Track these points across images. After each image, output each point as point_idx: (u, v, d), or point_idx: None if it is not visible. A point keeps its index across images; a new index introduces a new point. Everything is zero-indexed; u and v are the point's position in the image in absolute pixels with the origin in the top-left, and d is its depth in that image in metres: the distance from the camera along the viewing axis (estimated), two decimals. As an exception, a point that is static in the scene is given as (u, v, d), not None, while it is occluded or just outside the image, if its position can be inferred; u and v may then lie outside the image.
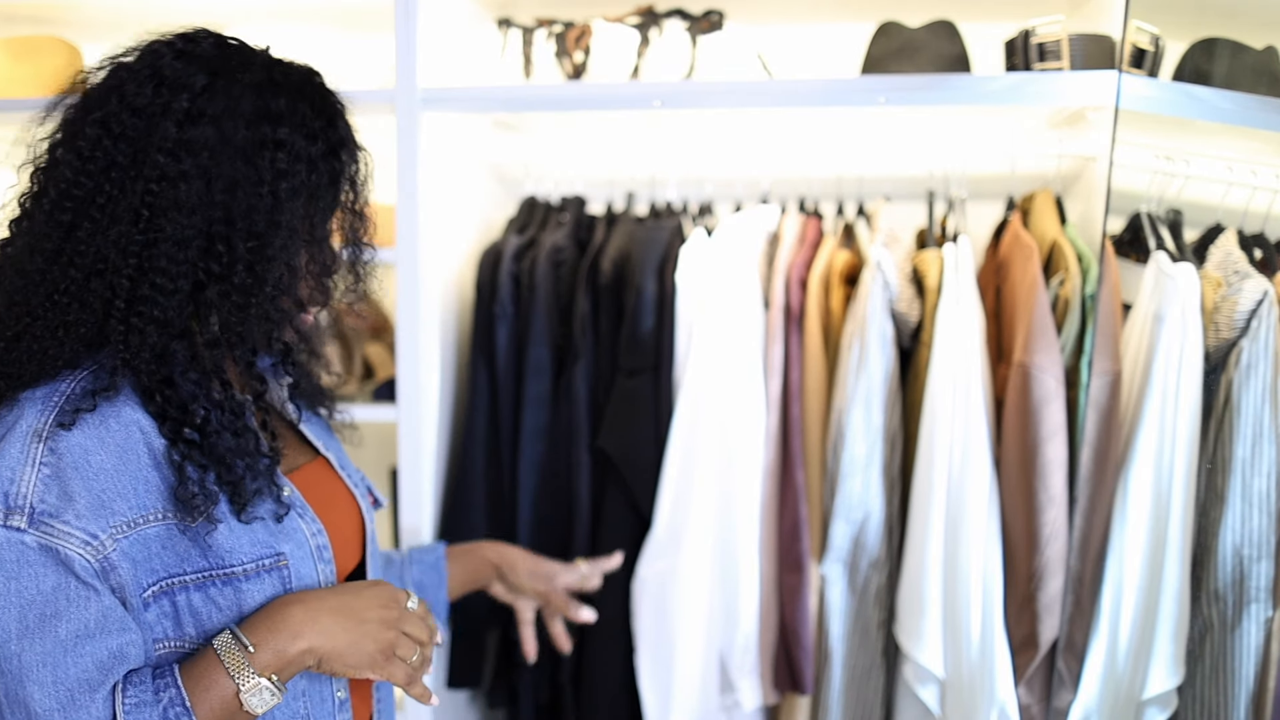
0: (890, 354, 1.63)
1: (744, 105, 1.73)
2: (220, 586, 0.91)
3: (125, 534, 0.86)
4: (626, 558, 1.73)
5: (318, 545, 0.99)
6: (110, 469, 0.86)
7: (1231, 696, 1.51)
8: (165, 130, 0.87)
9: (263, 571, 0.93)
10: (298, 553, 0.96)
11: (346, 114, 1.00)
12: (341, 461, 1.14)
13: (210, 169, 0.87)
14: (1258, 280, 1.50)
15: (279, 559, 0.94)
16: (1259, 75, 1.59)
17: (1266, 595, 1.50)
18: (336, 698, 1.01)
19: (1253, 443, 1.49)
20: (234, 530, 0.92)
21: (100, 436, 0.86)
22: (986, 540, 1.56)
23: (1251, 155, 1.63)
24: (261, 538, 0.94)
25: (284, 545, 0.95)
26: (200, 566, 0.90)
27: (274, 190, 0.89)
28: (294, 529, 0.97)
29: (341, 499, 1.09)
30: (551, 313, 1.80)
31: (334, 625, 0.92)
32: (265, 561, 0.93)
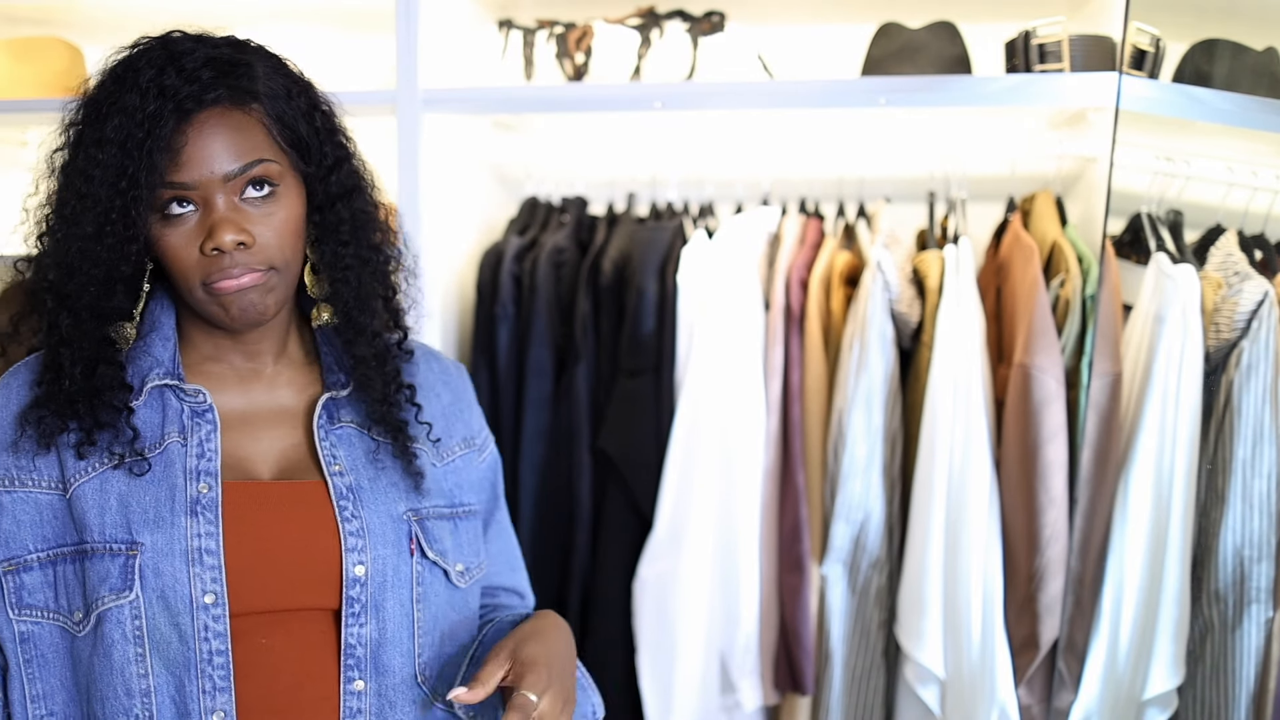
0: (891, 355, 1.63)
1: (745, 106, 1.73)
2: (81, 561, 0.91)
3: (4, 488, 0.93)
4: (627, 558, 1.73)
5: (198, 547, 0.90)
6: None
7: (1232, 697, 1.51)
8: None
9: (107, 555, 0.90)
10: (162, 547, 0.90)
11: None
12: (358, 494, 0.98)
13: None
14: (1258, 281, 1.50)
15: (131, 546, 0.90)
16: (1259, 76, 1.59)
17: (1267, 596, 1.50)
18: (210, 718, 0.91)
19: (1253, 443, 1.49)
20: (96, 507, 0.91)
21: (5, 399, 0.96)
22: (987, 541, 1.56)
23: (1252, 156, 1.63)
24: (126, 521, 0.91)
25: (146, 536, 0.90)
26: (73, 539, 0.92)
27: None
28: (172, 523, 0.91)
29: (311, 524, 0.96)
30: (552, 314, 1.80)
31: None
32: (114, 545, 0.90)
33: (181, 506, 0.92)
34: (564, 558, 1.80)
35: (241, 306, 0.93)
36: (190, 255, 0.91)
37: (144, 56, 0.91)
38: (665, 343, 1.73)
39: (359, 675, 0.95)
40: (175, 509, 0.92)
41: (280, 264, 0.94)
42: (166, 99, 0.89)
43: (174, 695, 0.90)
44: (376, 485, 0.99)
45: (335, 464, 0.98)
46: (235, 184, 0.91)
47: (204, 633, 0.90)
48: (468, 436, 1.12)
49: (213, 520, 0.92)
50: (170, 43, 0.93)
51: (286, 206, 0.94)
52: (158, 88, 0.89)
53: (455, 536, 1.04)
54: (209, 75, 0.91)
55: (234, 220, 0.90)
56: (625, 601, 1.72)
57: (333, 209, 0.99)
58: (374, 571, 0.96)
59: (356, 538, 0.96)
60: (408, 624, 0.98)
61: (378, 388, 1.02)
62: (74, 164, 0.92)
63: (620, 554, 1.74)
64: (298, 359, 1.04)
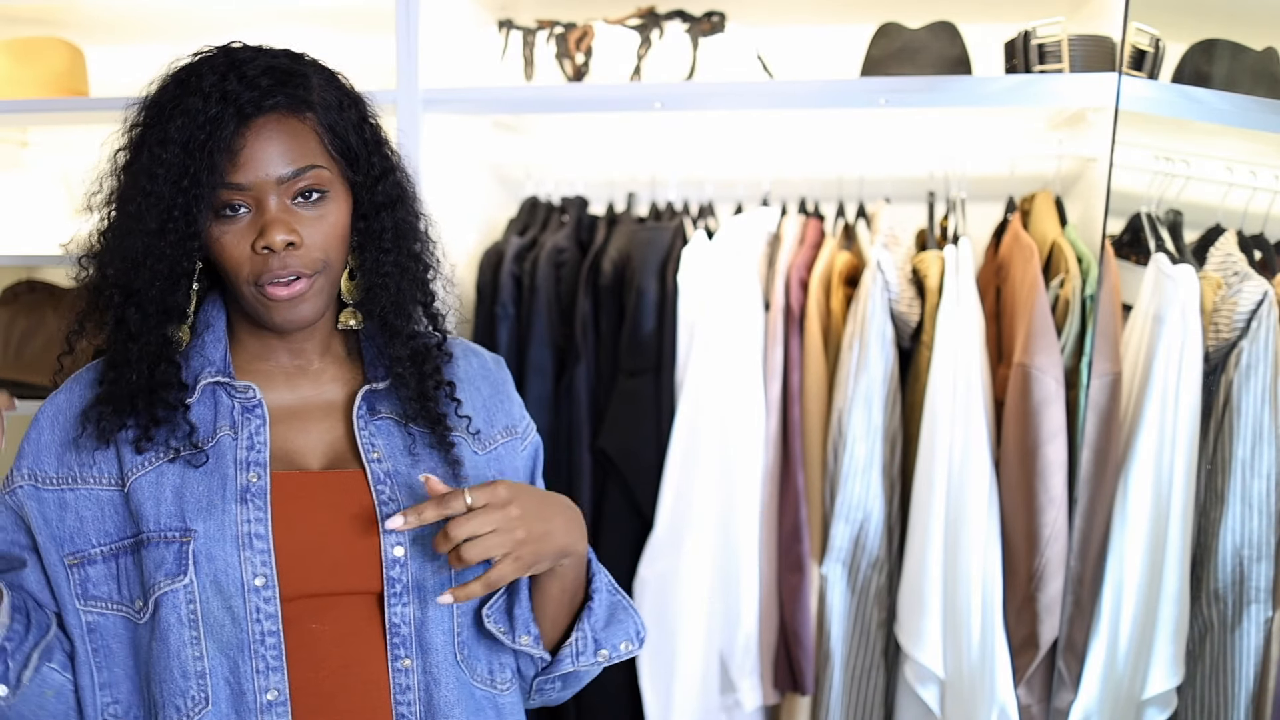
0: (890, 355, 1.64)
1: (745, 107, 1.73)
2: (136, 552, 0.96)
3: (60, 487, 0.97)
4: (627, 558, 1.73)
5: (248, 532, 0.95)
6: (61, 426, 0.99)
7: (1231, 697, 1.51)
8: None
9: (162, 542, 0.95)
10: (214, 533, 0.94)
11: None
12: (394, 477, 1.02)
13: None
14: (1257, 281, 1.50)
15: (185, 534, 0.95)
16: (1258, 76, 1.59)
17: (1266, 596, 1.51)
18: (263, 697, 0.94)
19: (1252, 443, 1.50)
20: (152, 499, 0.96)
21: (71, 402, 1.00)
22: (987, 541, 1.56)
23: (1251, 156, 1.63)
24: (180, 510, 0.96)
25: (199, 523, 0.95)
26: (133, 532, 0.96)
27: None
28: (223, 510, 0.95)
29: (352, 511, 0.99)
30: (552, 313, 1.81)
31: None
32: (169, 533, 0.95)
33: (232, 495, 0.96)
34: (564, 557, 1.80)
35: (285, 315, 0.97)
36: (242, 253, 0.96)
37: (206, 63, 0.96)
38: (665, 343, 1.73)
39: (405, 653, 0.98)
40: (226, 497, 0.96)
41: (325, 267, 0.99)
42: (228, 103, 0.94)
43: (228, 676, 0.94)
44: (414, 472, 1.03)
45: (374, 451, 1.02)
46: (288, 187, 0.96)
47: (255, 615, 0.94)
48: (509, 425, 1.17)
49: (261, 507, 0.96)
50: (232, 51, 0.98)
51: (334, 212, 0.99)
52: (220, 92, 0.94)
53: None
54: (268, 83, 0.95)
55: (285, 221, 0.95)
56: (625, 601, 1.73)
57: (377, 217, 1.04)
58: (413, 552, 0.99)
59: (386, 534, 0.99)
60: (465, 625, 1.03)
61: (413, 385, 1.06)
62: (138, 162, 0.96)
63: (620, 554, 1.74)
64: (340, 355, 1.08)
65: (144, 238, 0.95)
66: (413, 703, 0.98)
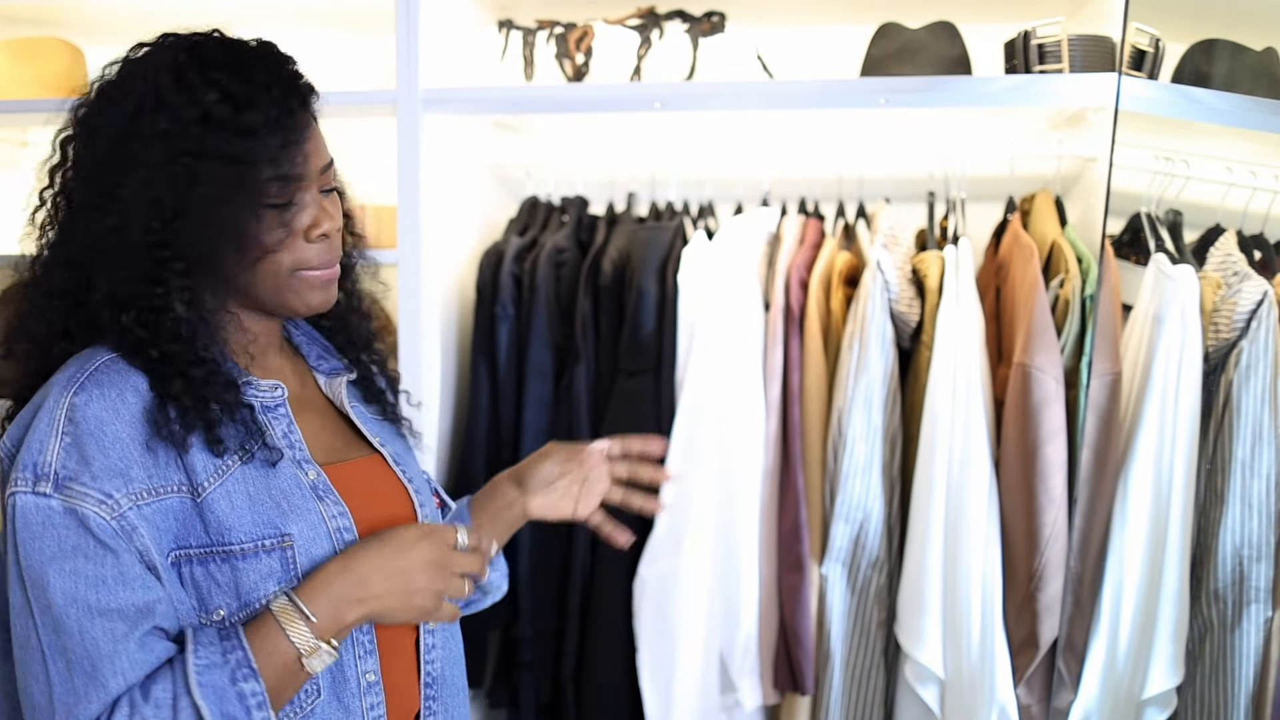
0: (890, 355, 1.64)
1: (745, 107, 1.73)
2: (219, 563, 0.92)
3: (146, 501, 0.90)
4: (627, 558, 1.73)
5: (337, 527, 0.98)
6: (125, 439, 0.90)
7: (1231, 696, 1.51)
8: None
9: (262, 552, 0.93)
10: (309, 534, 0.96)
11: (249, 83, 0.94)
12: (400, 460, 1.11)
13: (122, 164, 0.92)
14: (1257, 281, 1.51)
15: (283, 539, 0.94)
16: (1258, 77, 1.59)
17: (1266, 596, 1.51)
18: (364, 679, 1.00)
19: (1252, 443, 1.50)
20: (236, 507, 0.93)
21: (116, 408, 0.91)
22: (986, 541, 1.56)
23: (1251, 156, 1.63)
24: (267, 517, 0.94)
25: (292, 526, 0.95)
26: (203, 541, 0.92)
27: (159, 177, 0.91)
28: (309, 509, 0.96)
29: (391, 495, 1.08)
30: (552, 313, 1.81)
31: (384, 588, 0.95)
32: (266, 541, 0.93)
33: (307, 493, 0.98)
34: (564, 558, 1.80)
35: (324, 295, 1.00)
36: (284, 241, 0.96)
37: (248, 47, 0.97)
38: (665, 343, 1.73)
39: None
40: (306, 496, 0.97)
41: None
42: (291, 92, 0.95)
43: (333, 666, 0.97)
44: (405, 455, 1.12)
45: (377, 437, 1.09)
46: (324, 179, 0.99)
47: None
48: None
49: (339, 501, 0.99)
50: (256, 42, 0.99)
51: (342, 203, 1.04)
52: (281, 79, 0.95)
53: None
54: (303, 73, 0.99)
55: (329, 211, 0.99)
56: (625, 601, 1.73)
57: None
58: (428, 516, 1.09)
59: (419, 497, 1.08)
60: None
61: (373, 373, 1.13)
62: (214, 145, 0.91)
63: (620, 554, 1.74)
64: (289, 352, 1.11)
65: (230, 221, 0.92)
66: (435, 661, 1.06)
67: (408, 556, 0.97)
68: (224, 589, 0.92)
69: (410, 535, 0.98)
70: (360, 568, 0.95)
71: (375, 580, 0.95)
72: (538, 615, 1.81)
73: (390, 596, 0.95)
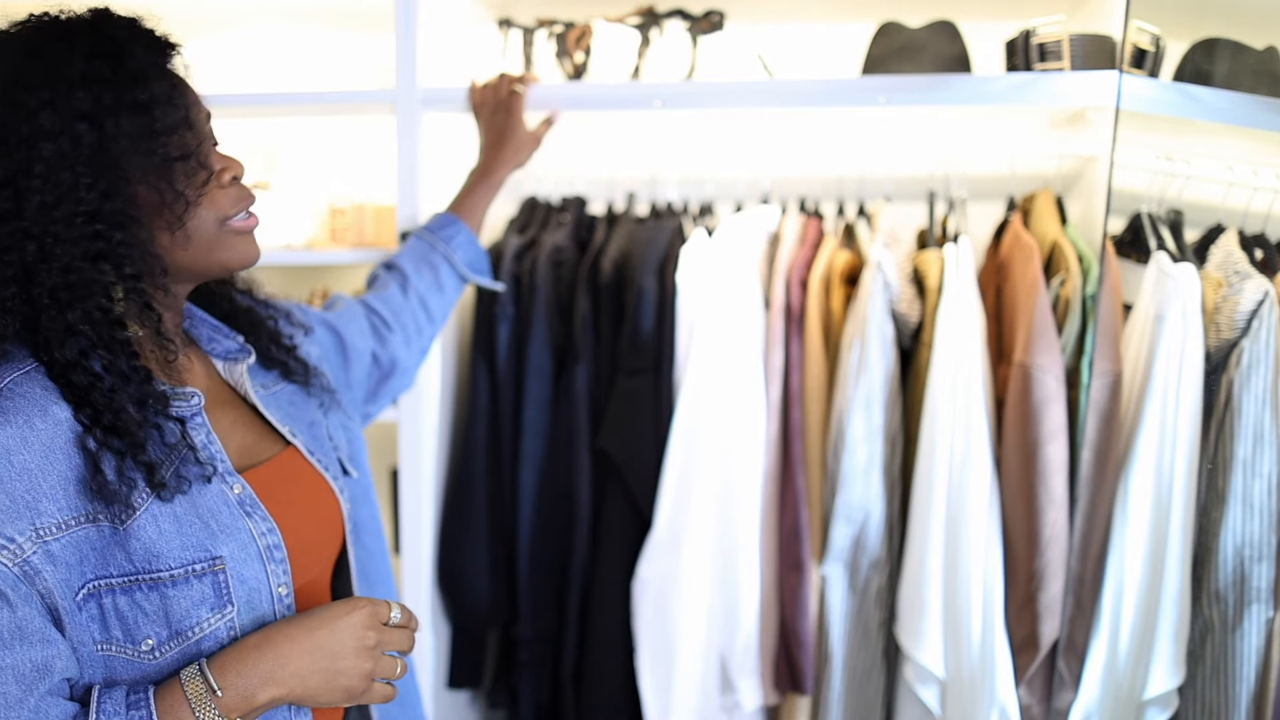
0: (891, 354, 1.63)
1: (744, 105, 1.73)
2: (146, 591, 0.86)
3: (55, 536, 0.83)
4: (627, 558, 1.73)
5: (267, 545, 0.93)
6: (35, 468, 0.83)
7: (1232, 697, 1.51)
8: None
9: (192, 577, 0.88)
10: (240, 554, 0.91)
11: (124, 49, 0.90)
12: (311, 445, 1.07)
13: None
14: (1258, 281, 1.50)
15: (214, 563, 0.89)
16: (1259, 75, 1.59)
17: (1267, 596, 1.50)
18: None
19: (1253, 443, 1.49)
20: (164, 532, 0.87)
21: (24, 435, 0.83)
22: (987, 541, 1.56)
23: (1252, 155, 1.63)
24: (197, 539, 0.89)
25: (222, 548, 0.90)
26: (126, 570, 0.86)
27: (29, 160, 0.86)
28: (237, 528, 0.91)
29: (312, 488, 1.04)
30: (552, 313, 1.80)
31: (307, 668, 0.89)
32: (197, 566, 0.88)
33: (235, 510, 0.92)
34: (564, 558, 1.80)
35: (253, 249, 0.98)
36: (202, 191, 0.93)
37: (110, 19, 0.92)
38: (665, 342, 1.73)
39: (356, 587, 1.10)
40: (233, 513, 0.92)
41: None
42: (157, 43, 0.92)
43: None
44: (313, 432, 1.08)
45: (287, 426, 1.05)
46: (211, 132, 0.97)
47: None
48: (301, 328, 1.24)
49: (265, 516, 0.94)
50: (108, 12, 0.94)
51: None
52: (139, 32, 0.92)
53: (347, 431, 1.20)
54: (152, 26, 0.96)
55: (231, 158, 0.96)
56: (625, 601, 1.72)
57: None
58: (348, 498, 1.09)
59: (332, 476, 1.06)
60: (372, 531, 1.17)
61: (272, 350, 1.11)
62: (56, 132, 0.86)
63: (620, 554, 1.74)
64: (185, 340, 1.05)
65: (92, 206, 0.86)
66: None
67: (334, 633, 0.90)
68: (152, 618, 0.87)
69: (338, 611, 0.92)
70: (281, 644, 0.88)
71: (295, 658, 0.88)
72: (537, 615, 1.81)
73: (312, 677, 0.89)
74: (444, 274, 1.58)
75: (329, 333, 1.33)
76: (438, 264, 1.57)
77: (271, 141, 2.09)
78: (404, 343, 1.48)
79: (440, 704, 1.85)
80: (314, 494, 1.04)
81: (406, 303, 1.51)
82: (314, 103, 1.79)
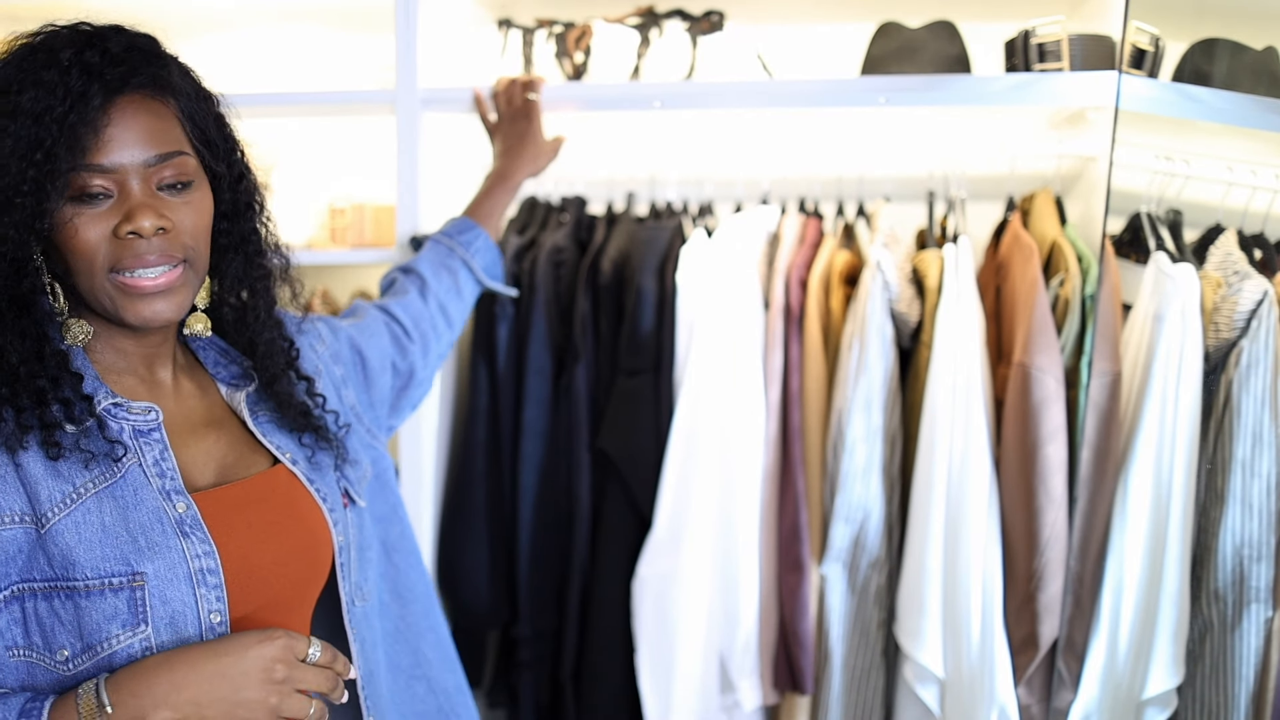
0: (890, 354, 1.63)
1: (744, 106, 1.73)
2: (63, 599, 0.85)
3: None
4: (627, 558, 1.73)
5: (200, 568, 0.89)
6: None
7: (1231, 696, 1.51)
8: None
9: (108, 590, 0.85)
10: (166, 574, 0.87)
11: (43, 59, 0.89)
12: (310, 473, 1.05)
13: None
14: (1258, 281, 1.50)
15: (134, 578, 0.86)
16: (1259, 76, 1.59)
17: (1266, 595, 1.50)
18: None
19: (1252, 443, 1.49)
20: (84, 540, 0.85)
21: None
22: (986, 540, 1.56)
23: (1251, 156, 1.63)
24: (119, 552, 0.86)
25: (146, 564, 0.87)
26: (47, 575, 0.85)
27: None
28: (168, 547, 0.88)
29: (291, 512, 1.01)
30: (552, 313, 1.81)
31: (206, 695, 0.85)
32: (114, 580, 0.85)
33: (170, 529, 0.90)
34: (564, 557, 1.80)
35: (149, 309, 0.91)
36: (98, 240, 0.88)
37: (61, 38, 0.89)
38: (664, 342, 1.73)
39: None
40: (166, 532, 0.89)
41: (193, 257, 0.94)
42: (92, 77, 0.87)
43: None
44: (314, 462, 1.06)
45: (285, 453, 1.03)
46: (154, 172, 0.90)
47: None
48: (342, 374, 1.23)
49: (204, 538, 0.91)
50: (88, 28, 0.91)
51: (202, 201, 0.95)
52: (81, 65, 0.87)
53: (371, 451, 1.20)
54: (135, 59, 0.90)
55: (153, 205, 0.89)
56: (625, 601, 1.72)
57: (245, 218, 1.01)
58: (343, 530, 1.05)
59: (329, 508, 1.03)
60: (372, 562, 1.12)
61: (285, 386, 1.07)
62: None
63: (620, 554, 1.74)
64: (184, 365, 1.04)
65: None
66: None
67: (239, 663, 0.86)
68: (67, 628, 0.85)
69: (249, 640, 0.88)
70: (180, 667, 0.85)
71: (194, 684, 0.84)
72: (537, 615, 1.81)
73: (210, 706, 0.84)
74: (463, 278, 1.55)
75: (353, 351, 1.28)
76: (456, 268, 1.54)
77: (272, 142, 2.09)
78: (422, 352, 1.42)
79: (440, 704, 1.86)
80: (291, 519, 1.00)
81: (426, 308, 1.46)
82: (314, 103, 1.80)
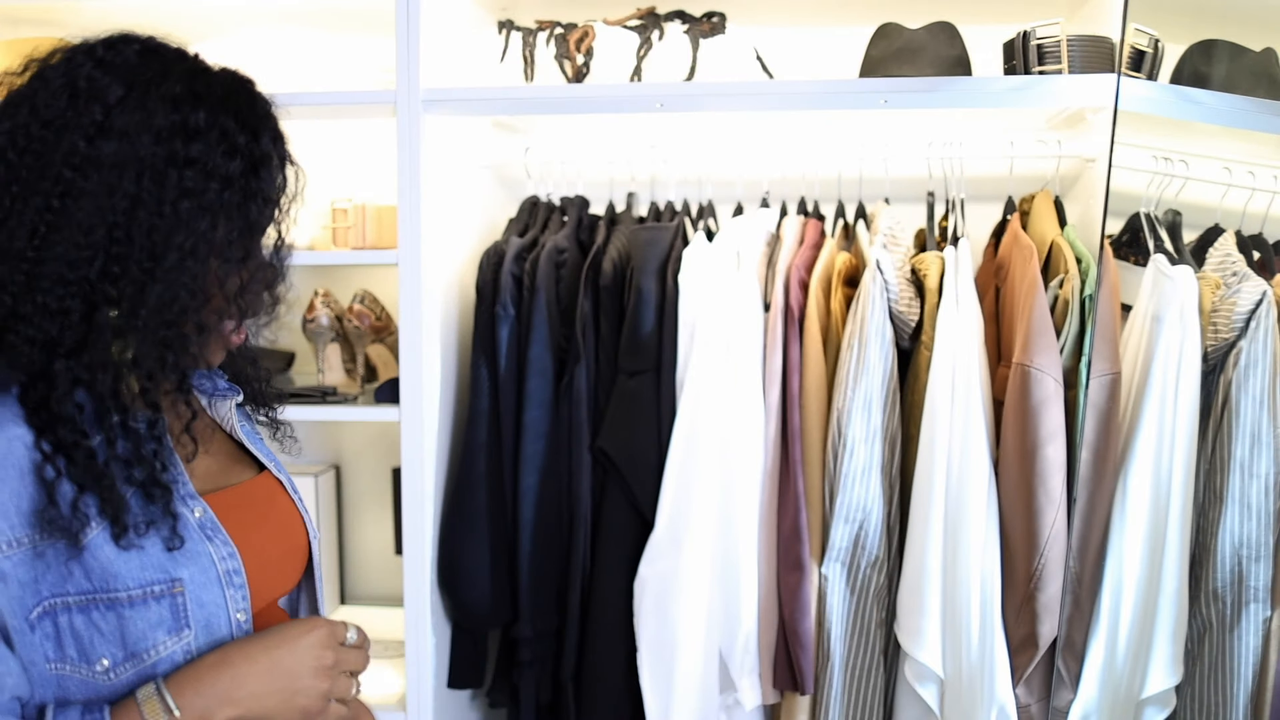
0: (890, 355, 1.64)
1: (745, 107, 1.73)
2: (103, 610, 0.85)
3: (5, 554, 0.82)
4: (627, 558, 1.73)
5: (227, 570, 0.92)
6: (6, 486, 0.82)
7: (1230, 696, 1.52)
8: (73, 144, 0.84)
9: (150, 599, 0.87)
10: (200, 578, 0.90)
11: (276, 125, 0.94)
12: (286, 476, 1.11)
13: (114, 186, 0.84)
14: (1256, 281, 1.51)
15: (173, 585, 0.88)
16: (1257, 77, 1.60)
17: (1265, 595, 1.51)
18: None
19: (1251, 443, 1.50)
20: (124, 551, 0.86)
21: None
22: (986, 541, 1.56)
23: (1250, 157, 1.64)
24: (156, 561, 0.88)
25: (182, 570, 0.89)
26: (84, 588, 0.85)
27: (175, 209, 0.85)
28: (198, 552, 0.90)
29: (282, 514, 1.06)
30: (553, 313, 1.81)
31: (265, 688, 0.88)
32: (155, 588, 0.87)
33: (195, 533, 0.92)
34: (564, 558, 1.81)
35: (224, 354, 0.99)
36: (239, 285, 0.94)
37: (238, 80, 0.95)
38: (665, 343, 1.74)
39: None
40: (192, 536, 0.91)
41: None
42: (279, 132, 0.95)
43: None
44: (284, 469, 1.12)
45: (270, 459, 1.09)
46: None
47: None
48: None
49: (226, 540, 0.94)
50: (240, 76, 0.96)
51: None
52: (271, 119, 0.95)
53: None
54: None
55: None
56: (625, 601, 1.73)
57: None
58: (313, 529, 1.11)
59: (303, 509, 1.09)
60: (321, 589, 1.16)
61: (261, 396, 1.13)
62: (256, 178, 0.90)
63: (620, 554, 1.74)
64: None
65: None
66: None
67: (293, 653, 0.90)
68: (108, 639, 0.86)
69: (296, 631, 0.92)
70: (239, 663, 0.88)
71: (254, 678, 0.88)
72: (538, 615, 1.81)
73: (270, 697, 0.88)
74: None
75: None
76: None
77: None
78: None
79: (441, 704, 1.86)
80: (282, 520, 1.05)
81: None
82: (315, 104, 1.80)
